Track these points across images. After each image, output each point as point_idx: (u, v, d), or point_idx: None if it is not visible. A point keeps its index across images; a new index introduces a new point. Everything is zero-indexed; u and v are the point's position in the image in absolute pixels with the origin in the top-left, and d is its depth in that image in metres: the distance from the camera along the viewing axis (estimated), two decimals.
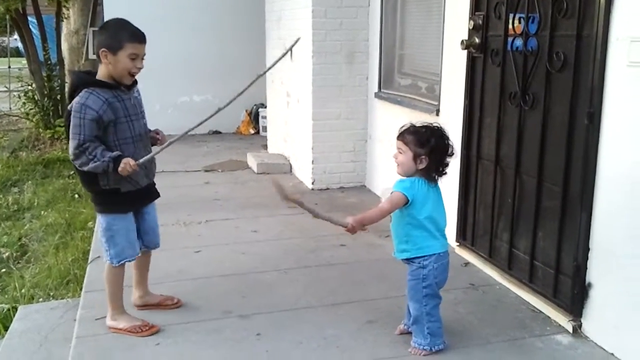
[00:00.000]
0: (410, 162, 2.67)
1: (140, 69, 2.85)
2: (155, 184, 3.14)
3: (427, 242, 2.73)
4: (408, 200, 2.66)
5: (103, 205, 2.94)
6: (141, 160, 2.83)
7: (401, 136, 2.72)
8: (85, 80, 2.83)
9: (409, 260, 2.77)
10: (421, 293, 2.75)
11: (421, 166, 2.66)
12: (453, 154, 2.73)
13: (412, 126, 2.73)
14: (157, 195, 3.16)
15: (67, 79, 12.24)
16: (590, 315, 2.95)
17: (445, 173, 2.74)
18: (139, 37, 2.81)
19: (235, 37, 8.63)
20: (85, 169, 2.75)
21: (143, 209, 3.08)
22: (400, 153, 2.71)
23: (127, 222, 2.96)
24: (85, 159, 2.72)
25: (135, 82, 2.96)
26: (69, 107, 2.78)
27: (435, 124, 2.75)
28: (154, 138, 3.09)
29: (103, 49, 2.77)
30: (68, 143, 2.79)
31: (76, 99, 2.74)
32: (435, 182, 2.73)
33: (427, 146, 2.65)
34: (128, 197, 2.93)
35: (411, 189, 2.67)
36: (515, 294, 3.43)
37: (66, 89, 11.68)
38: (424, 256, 2.73)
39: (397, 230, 2.78)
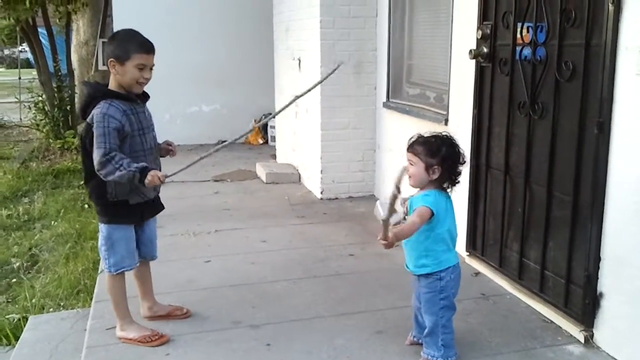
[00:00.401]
0: (423, 173, 2.65)
1: (148, 79, 2.86)
2: (159, 196, 3.15)
3: (445, 255, 2.71)
4: (433, 214, 2.63)
5: (110, 216, 2.94)
6: (172, 173, 2.85)
7: (411, 147, 2.69)
8: (103, 91, 2.85)
9: (426, 274, 2.73)
10: (438, 305, 2.73)
11: (434, 176, 2.64)
12: (465, 161, 2.71)
13: (421, 137, 2.71)
14: (162, 207, 3.18)
15: (78, 90, 12.33)
16: (602, 326, 2.93)
17: (459, 182, 2.71)
18: (147, 48, 2.82)
19: (243, 48, 8.67)
20: (110, 178, 2.74)
21: (143, 222, 3.09)
22: (412, 165, 2.67)
23: (128, 231, 2.97)
24: (111, 167, 2.71)
25: (148, 96, 2.99)
26: (88, 120, 2.80)
27: (444, 133, 2.73)
28: (165, 149, 3.10)
29: (111, 59, 2.81)
30: (79, 154, 2.82)
31: (96, 110, 2.75)
32: (448, 192, 2.72)
33: (438, 156, 2.63)
34: (136, 209, 2.95)
35: (435, 203, 2.63)
36: (526, 303, 3.41)
37: (76, 100, 11.79)
38: (442, 269, 2.72)
39: (415, 245, 2.69)
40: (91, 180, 2.87)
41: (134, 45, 2.80)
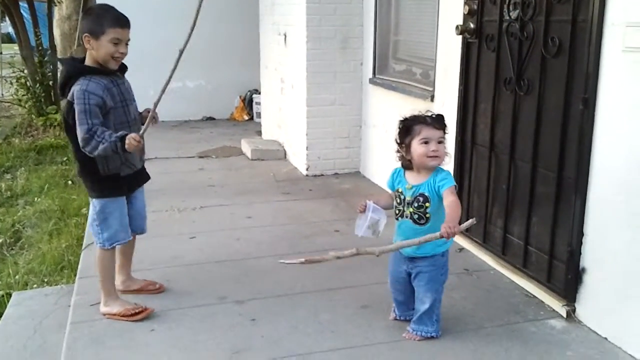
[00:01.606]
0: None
1: (123, 54, 2.83)
2: (144, 167, 3.18)
3: None
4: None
5: (101, 190, 2.93)
6: (142, 131, 2.83)
7: (439, 124, 2.65)
8: (81, 68, 2.82)
9: (432, 255, 2.72)
10: (439, 282, 2.76)
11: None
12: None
13: (431, 115, 2.68)
14: (148, 177, 3.20)
15: (60, 65, 12.18)
16: (584, 300, 2.96)
17: None
18: (121, 22, 2.79)
19: (228, 23, 8.58)
20: (95, 153, 2.74)
21: (132, 194, 3.10)
22: (441, 143, 2.64)
23: (120, 204, 2.98)
24: (94, 142, 2.71)
25: (126, 68, 2.97)
26: (68, 97, 2.78)
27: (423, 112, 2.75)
28: (145, 117, 3.06)
29: (86, 34, 2.77)
30: (62, 130, 2.79)
31: (76, 87, 2.74)
32: None
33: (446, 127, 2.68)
34: (126, 180, 2.98)
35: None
36: (509, 279, 3.44)
37: (59, 75, 11.64)
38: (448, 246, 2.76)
39: (437, 226, 2.52)
40: (80, 156, 2.86)
41: (109, 20, 2.77)
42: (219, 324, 2.98)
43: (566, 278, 3.02)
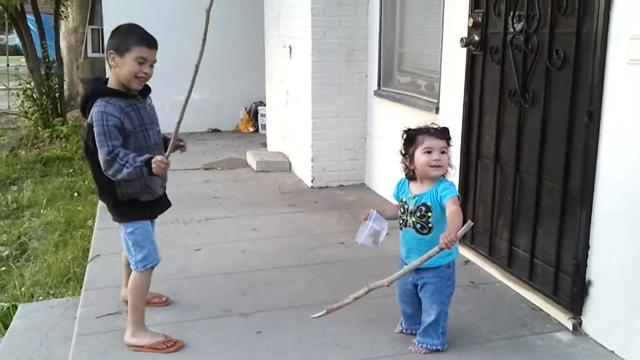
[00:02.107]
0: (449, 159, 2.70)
1: (147, 74, 2.75)
2: (166, 193, 3.06)
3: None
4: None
5: (124, 214, 2.85)
6: (167, 153, 2.77)
7: (442, 135, 2.68)
8: (100, 89, 2.76)
9: (436, 266, 2.71)
10: (445, 293, 2.76)
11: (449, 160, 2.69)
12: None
13: (433, 125, 2.72)
14: (169, 204, 3.08)
15: (66, 77, 12.25)
16: (590, 313, 2.95)
17: None
18: (148, 41, 2.73)
19: (233, 35, 8.61)
20: (119, 177, 2.65)
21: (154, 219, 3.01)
22: (444, 153, 2.67)
23: (147, 226, 2.90)
24: (117, 165, 2.62)
25: (149, 89, 2.89)
26: (88, 120, 2.71)
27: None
28: (175, 145, 2.96)
29: (111, 51, 2.72)
30: (67, 142, 2.78)
31: (94, 109, 2.67)
32: None
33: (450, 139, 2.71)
34: (147, 206, 2.88)
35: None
36: (515, 291, 3.43)
37: (65, 87, 11.71)
38: (454, 258, 2.76)
39: (439, 234, 2.52)
40: (99, 180, 2.79)
41: (135, 38, 2.71)
42: (225, 336, 2.98)
43: (572, 291, 3.01)
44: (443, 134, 2.69)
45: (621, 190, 2.73)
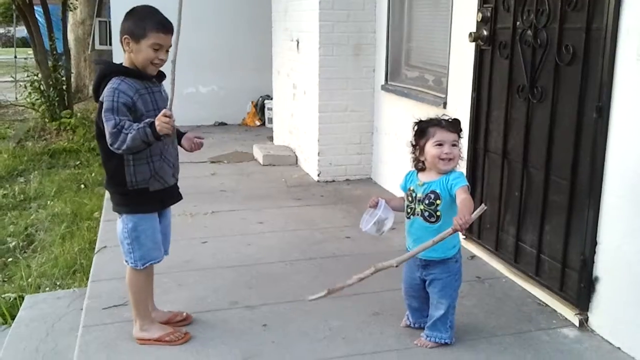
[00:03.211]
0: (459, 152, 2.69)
1: (163, 60, 2.67)
2: (178, 185, 2.97)
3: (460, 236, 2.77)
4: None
5: (131, 205, 2.74)
6: (168, 105, 2.60)
7: (454, 128, 2.67)
8: (116, 68, 2.68)
9: (443, 259, 2.72)
10: (453, 287, 2.76)
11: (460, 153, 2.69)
12: None
13: (444, 117, 2.71)
14: (181, 197, 2.98)
15: (74, 69, 12.27)
16: (596, 309, 2.94)
17: None
18: (165, 27, 2.63)
19: (241, 28, 8.62)
20: (124, 147, 2.52)
21: (163, 211, 2.90)
22: (455, 146, 2.66)
23: (153, 222, 2.78)
24: (122, 136, 2.52)
25: (164, 75, 2.79)
26: (100, 98, 2.61)
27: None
28: (193, 142, 2.94)
29: (126, 36, 2.61)
30: (74, 134, 2.73)
31: (107, 86, 2.58)
32: None
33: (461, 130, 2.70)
34: (156, 196, 2.76)
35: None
36: (522, 287, 3.42)
37: (72, 80, 11.72)
38: (459, 250, 2.76)
39: (447, 226, 2.52)
40: (109, 165, 2.70)
41: (152, 23, 2.61)
42: (230, 329, 2.99)
43: (579, 287, 3.00)
44: (454, 126, 2.68)
45: (629, 186, 2.71)
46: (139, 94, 2.63)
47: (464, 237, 3.99)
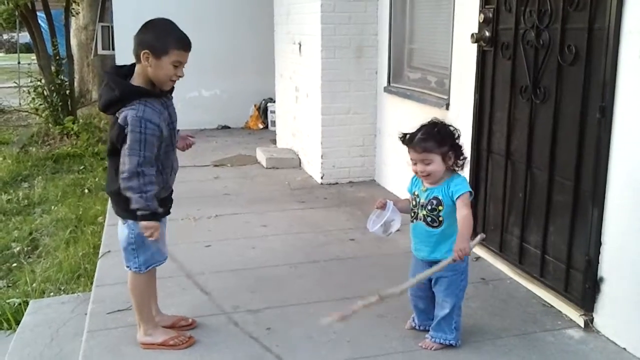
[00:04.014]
0: (442, 165, 2.63)
1: (180, 77, 2.63)
2: None
3: None
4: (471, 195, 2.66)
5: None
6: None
7: (421, 147, 2.63)
8: (133, 91, 2.57)
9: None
10: (459, 287, 2.76)
11: (451, 162, 2.64)
12: (459, 134, 2.71)
13: (418, 133, 2.67)
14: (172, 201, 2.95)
15: (77, 75, 12.29)
16: (602, 310, 2.93)
17: (466, 157, 2.72)
18: (185, 44, 2.59)
19: (243, 32, 8.62)
20: (128, 194, 2.53)
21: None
22: (428, 164, 2.63)
23: (161, 226, 2.72)
24: (136, 184, 2.51)
25: (173, 87, 2.74)
26: (120, 121, 2.53)
27: (425, 122, 2.72)
28: (186, 143, 2.94)
29: (146, 51, 2.54)
30: (78, 139, 2.70)
31: (131, 112, 2.50)
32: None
33: (446, 141, 2.64)
34: (162, 203, 2.73)
35: (469, 184, 2.67)
36: (526, 288, 3.41)
37: (75, 85, 11.74)
38: None
39: (450, 231, 2.64)
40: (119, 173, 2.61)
41: (173, 40, 2.56)
42: (234, 332, 2.97)
43: (584, 287, 2.99)
44: (420, 145, 2.63)
45: (634, 187, 2.70)
46: (161, 114, 2.60)
47: None
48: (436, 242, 2.71)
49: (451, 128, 2.70)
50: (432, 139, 2.63)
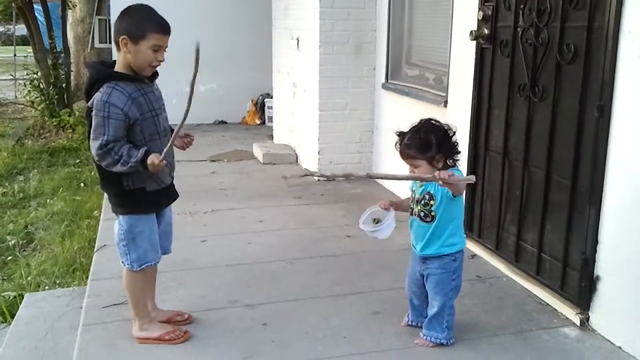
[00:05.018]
0: (429, 169, 2.62)
1: (161, 61, 2.63)
2: (174, 184, 2.94)
3: (463, 234, 2.78)
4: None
5: (127, 206, 2.71)
6: (163, 153, 2.59)
7: (405, 155, 2.66)
8: (106, 74, 2.61)
9: (440, 255, 2.73)
10: (449, 286, 2.75)
11: (440, 164, 2.63)
12: (453, 131, 2.69)
13: (403, 138, 2.68)
14: (177, 195, 2.96)
15: (73, 68, 12.26)
16: (598, 309, 2.93)
17: (460, 152, 2.71)
18: (163, 28, 2.59)
19: (241, 27, 8.60)
20: (114, 169, 2.55)
21: (161, 211, 2.88)
22: (417, 167, 2.65)
23: (150, 223, 2.76)
24: (111, 159, 2.52)
25: (157, 74, 2.75)
26: (89, 104, 2.58)
27: (417, 122, 2.72)
28: (183, 141, 2.92)
29: (124, 37, 2.55)
30: (74, 132, 2.71)
31: (97, 96, 2.53)
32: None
33: (432, 146, 2.61)
34: (153, 196, 2.74)
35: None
36: (522, 286, 3.42)
37: (72, 78, 11.70)
38: (461, 249, 2.76)
39: (445, 224, 2.67)
40: (102, 169, 2.64)
41: (151, 24, 2.56)
42: (230, 328, 2.98)
43: (580, 286, 2.99)
44: (405, 151, 2.66)
45: (631, 185, 2.71)
46: (132, 98, 2.58)
47: (465, 236, 3.97)
48: (429, 238, 2.72)
49: (440, 129, 2.66)
50: (415, 146, 2.63)
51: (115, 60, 2.70)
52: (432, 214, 2.69)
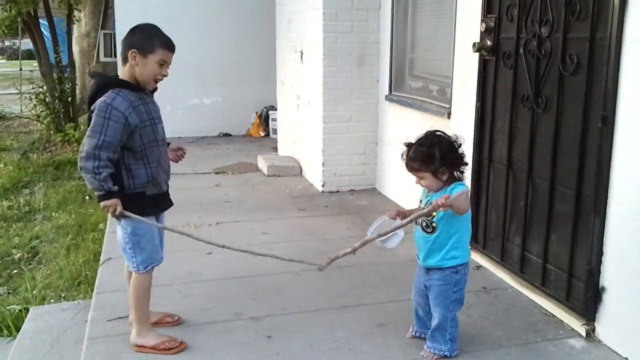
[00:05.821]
0: (434, 181, 2.64)
1: (165, 76, 2.80)
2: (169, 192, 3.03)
3: (468, 247, 2.77)
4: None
5: (129, 209, 2.75)
6: (130, 216, 2.72)
7: (409, 167, 2.69)
8: (112, 80, 2.79)
9: (441, 268, 2.72)
10: (450, 298, 2.74)
11: (445, 176, 2.64)
12: (460, 143, 2.69)
13: (408, 151, 2.69)
14: (172, 203, 3.03)
15: (79, 82, 12.33)
16: (603, 320, 2.92)
17: (466, 164, 2.70)
18: (170, 45, 2.79)
19: (245, 40, 8.64)
20: (82, 173, 2.67)
21: (158, 216, 2.98)
22: (422, 179, 2.68)
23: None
24: (90, 166, 2.62)
25: (156, 88, 2.89)
26: (92, 107, 2.69)
27: (423, 134, 2.72)
28: (176, 154, 3.05)
29: (133, 50, 2.72)
30: (80, 145, 2.73)
31: (101, 99, 2.66)
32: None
33: (435, 159, 2.61)
34: (152, 200, 2.85)
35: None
36: (528, 297, 3.41)
37: (77, 92, 11.76)
38: (464, 262, 2.74)
39: (446, 237, 2.68)
40: None
41: (159, 41, 2.75)
42: (235, 340, 2.98)
43: (585, 297, 2.98)
44: (409, 164, 2.69)
45: (635, 196, 2.70)
46: (133, 106, 2.72)
47: (469, 247, 3.97)
48: (430, 249, 2.73)
49: (445, 141, 2.66)
50: (418, 159, 2.65)
51: (117, 75, 2.85)
52: (434, 225, 2.69)
